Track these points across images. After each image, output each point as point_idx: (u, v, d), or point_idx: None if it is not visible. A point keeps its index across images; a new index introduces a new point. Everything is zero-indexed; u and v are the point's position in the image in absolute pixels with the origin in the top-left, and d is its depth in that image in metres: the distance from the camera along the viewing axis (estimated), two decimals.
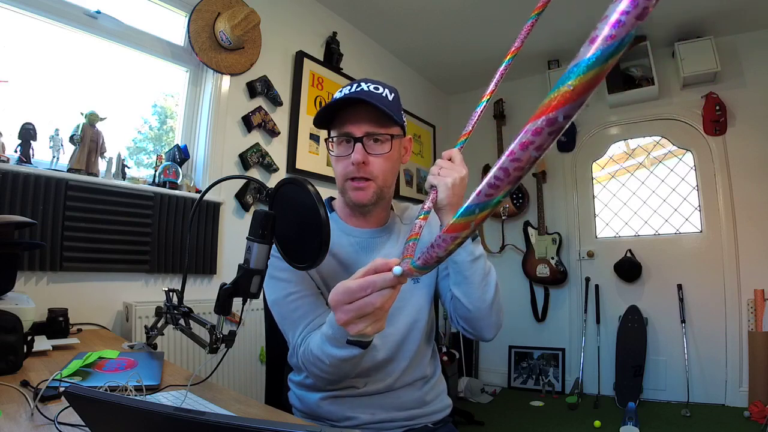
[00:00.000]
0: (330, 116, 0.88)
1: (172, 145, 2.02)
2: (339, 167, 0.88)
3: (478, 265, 0.83)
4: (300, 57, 2.53)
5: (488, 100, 0.71)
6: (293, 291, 0.84)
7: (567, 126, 0.21)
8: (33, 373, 0.87)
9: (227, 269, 2.07)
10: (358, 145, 0.84)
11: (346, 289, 0.51)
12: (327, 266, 0.88)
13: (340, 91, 0.87)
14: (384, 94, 0.85)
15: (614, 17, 0.19)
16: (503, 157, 0.24)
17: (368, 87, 0.85)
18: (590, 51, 0.19)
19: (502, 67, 0.68)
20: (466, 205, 0.28)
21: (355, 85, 0.86)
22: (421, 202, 3.61)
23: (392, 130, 0.87)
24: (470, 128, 0.74)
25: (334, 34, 2.79)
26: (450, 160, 0.82)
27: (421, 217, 0.65)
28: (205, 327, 0.83)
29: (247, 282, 0.73)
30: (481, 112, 0.72)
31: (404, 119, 0.90)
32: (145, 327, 1.12)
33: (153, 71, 2.04)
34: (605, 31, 0.19)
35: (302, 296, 0.84)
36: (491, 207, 0.27)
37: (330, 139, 0.89)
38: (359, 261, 0.90)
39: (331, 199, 1.00)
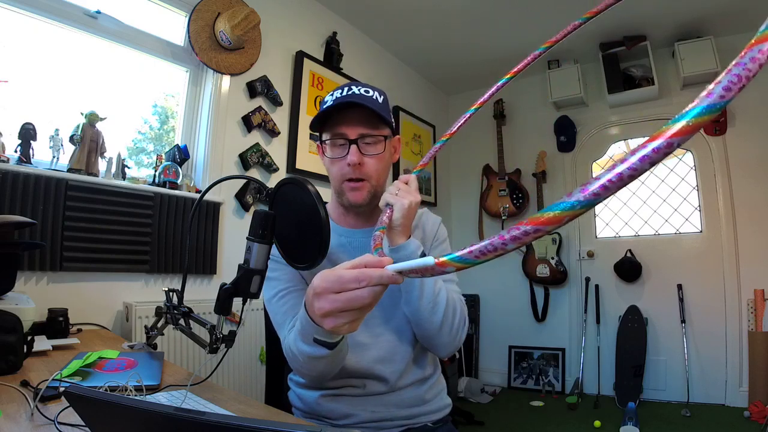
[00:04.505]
0: (322, 120, 0.90)
1: (172, 145, 2.02)
2: (334, 169, 0.91)
3: (427, 289, 0.84)
4: (300, 57, 2.53)
5: (446, 140, 0.83)
6: (282, 288, 0.86)
7: (674, 150, 0.26)
8: (33, 373, 0.87)
9: (227, 269, 2.07)
10: (353, 147, 0.86)
11: (338, 277, 0.48)
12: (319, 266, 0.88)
13: (331, 95, 0.88)
14: (374, 97, 0.87)
15: (725, 83, 0.23)
16: (622, 167, 0.26)
17: (359, 90, 0.87)
18: (705, 101, 0.24)
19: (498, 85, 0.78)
20: (566, 200, 0.28)
21: (346, 89, 0.87)
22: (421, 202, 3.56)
23: (384, 131, 0.90)
24: (427, 160, 0.82)
25: (334, 34, 2.79)
26: (407, 183, 0.85)
27: (381, 231, 0.68)
28: (205, 327, 0.83)
29: (247, 282, 0.73)
30: (439, 148, 0.84)
31: (392, 120, 0.93)
32: (145, 327, 1.12)
33: (153, 71, 2.04)
34: (719, 91, 0.23)
35: (290, 291, 0.85)
36: (591, 207, 0.28)
37: (323, 142, 0.91)
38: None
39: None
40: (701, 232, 3.04)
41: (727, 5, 2.70)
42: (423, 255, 0.84)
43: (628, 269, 3.14)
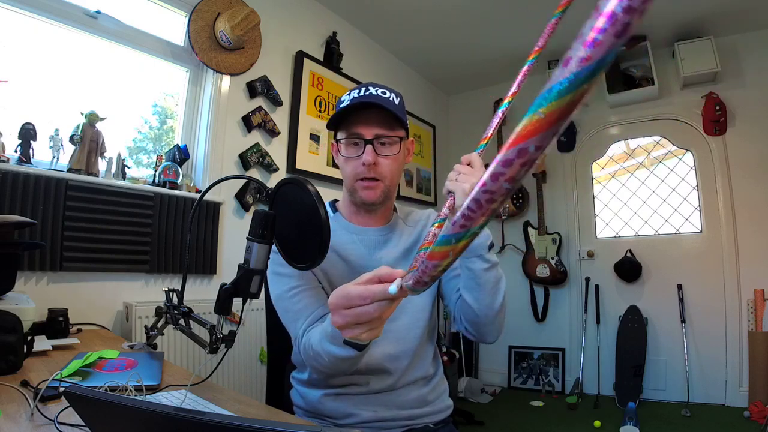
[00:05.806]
0: (339, 119, 0.90)
1: (172, 145, 2.02)
2: (348, 168, 0.91)
3: (492, 273, 0.84)
4: (300, 57, 2.53)
5: (510, 102, 0.71)
6: (295, 285, 0.86)
7: (539, 156, 0.19)
8: (33, 373, 0.87)
9: (227, 269, 2.07)
10: (369, 147, 0.87)
11: (346, 294, 0.50)
12: (330, 262, 0.89)
13: (349, 94, 0.89)
14: (391, 98, 0.88)
15: (589, 36, 0.16)
16: (476, 188, 0.23)
17: (377, 91, 0.87)
18: (563, 74, 0.17)
19: (525, 68, 0.69)
20: (442, 234, 0.28)
21: (363, 89, 0.88)
22: (421, 202, 3.55)
23: (399, 132, 0.90)
24: (491, 132, 0.76)
25: (334, 34, 2.79)
26: (469, 164, 0.83)
27: (437, 224, 0.64)
28: (205, 327, 0.83)
29: (247, 282, 0.73)
30: (503, 115, 0.73)
31: (407, 122, 0.93)
32: (145, 327, 1.12)
33: (153, 71, 2.04)
34: (579, 51, 0.16)
35: (303, 289, 0.85)
36: (468, 237, 0.26)
37: (339, 141, 0.91)
38: (362, 257, 0.92)
39: (334, 201, 1.03)
40: (701, 232, 3.03)
41: (727, 5, 2.69)
42: (492, 245, 0.85)
43: (628, 269, 3.13)
